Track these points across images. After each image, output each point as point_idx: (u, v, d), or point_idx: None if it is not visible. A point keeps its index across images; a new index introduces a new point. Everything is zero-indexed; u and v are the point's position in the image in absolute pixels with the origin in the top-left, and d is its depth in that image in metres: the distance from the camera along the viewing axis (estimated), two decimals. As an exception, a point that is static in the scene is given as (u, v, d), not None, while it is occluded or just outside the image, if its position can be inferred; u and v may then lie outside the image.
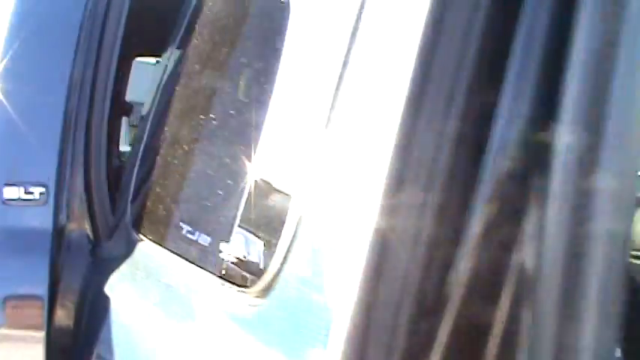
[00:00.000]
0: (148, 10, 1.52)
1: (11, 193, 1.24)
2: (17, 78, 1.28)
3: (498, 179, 0.62)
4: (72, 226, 1.29)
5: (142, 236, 1.17)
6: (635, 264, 1.66)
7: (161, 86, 1.29)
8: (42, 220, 1.25)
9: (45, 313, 1.21)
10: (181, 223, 1.06)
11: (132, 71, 1.56)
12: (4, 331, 1.23)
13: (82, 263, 1.29)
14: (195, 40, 1.22)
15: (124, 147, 1.75)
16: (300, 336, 0.69)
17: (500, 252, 0.63)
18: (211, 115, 1.12)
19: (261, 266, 0.82)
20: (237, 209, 0.90)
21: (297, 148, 0.85)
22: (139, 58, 1.63)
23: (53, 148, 1.27)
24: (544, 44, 0.62)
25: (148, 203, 1.21)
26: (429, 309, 0.62)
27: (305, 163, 0.77)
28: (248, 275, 0.85)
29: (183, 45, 1.27)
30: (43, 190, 1.25)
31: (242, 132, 1.00)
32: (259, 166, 0.90)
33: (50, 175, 1.26)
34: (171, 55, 1.30)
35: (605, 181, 0.60)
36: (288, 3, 0.92)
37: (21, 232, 1.25)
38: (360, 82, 0.72)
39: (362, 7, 0.71)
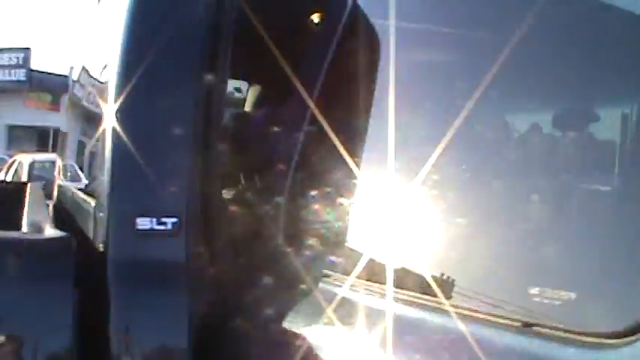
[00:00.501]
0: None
1: (144, 223, 1.20)
2: (146, 109, 1.25)
3: None
4: (204, 257, 1.24)
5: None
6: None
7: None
8: (175, 250, 1.21)
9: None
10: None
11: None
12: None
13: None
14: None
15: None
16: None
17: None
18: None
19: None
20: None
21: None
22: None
23: (183, 178, 1.23)
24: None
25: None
26: None
27: None
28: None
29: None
30: (175, 220, 1.21)
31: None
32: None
33: (181, 205, 1.22)
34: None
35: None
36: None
37: (155, 263, 1.21)
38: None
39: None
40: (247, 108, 2.10)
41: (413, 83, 1.11)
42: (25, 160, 9.21)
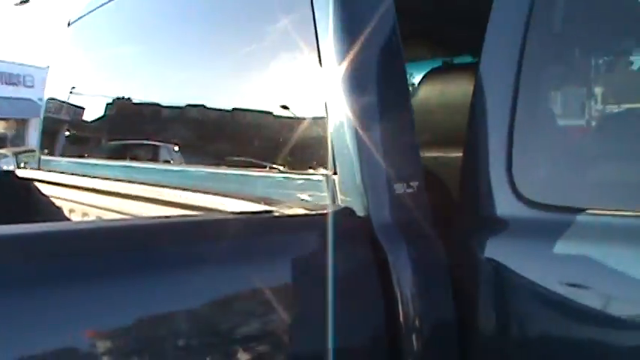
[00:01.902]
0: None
1: (399, 188, 1.51)
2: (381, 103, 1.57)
3: None
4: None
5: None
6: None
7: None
8: (419, 208, 1.53)
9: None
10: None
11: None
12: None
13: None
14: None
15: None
16: None
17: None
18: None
19: None
20: None
21: None
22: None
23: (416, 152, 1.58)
24: None
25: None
26: None
27: None
28: None
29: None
30: (417, 183, 1.53)
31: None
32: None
33: (418, 173, 1.55)
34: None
35: None
36: None
37: (408, 220, 1.52)
38: None
39: None
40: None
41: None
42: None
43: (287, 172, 1.66)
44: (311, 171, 1.59)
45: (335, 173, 1.53)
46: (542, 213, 1.43)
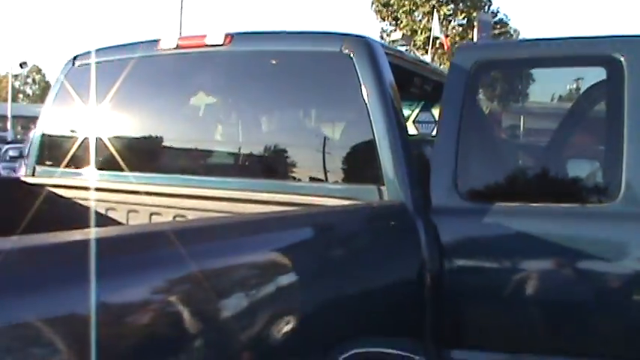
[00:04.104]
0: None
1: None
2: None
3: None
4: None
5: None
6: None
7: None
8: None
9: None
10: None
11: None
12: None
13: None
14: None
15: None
16: None
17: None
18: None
19: None
20: None
21: None
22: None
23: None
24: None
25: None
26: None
27: None
28: None
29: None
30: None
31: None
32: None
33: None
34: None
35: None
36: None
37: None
38: None
39: None
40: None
41: None
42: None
43: (354, 185, 2.60)
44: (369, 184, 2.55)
45: (383, 185, 2.48)
46: (471, 202, 2.51)
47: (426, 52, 26.19)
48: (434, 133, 2.86)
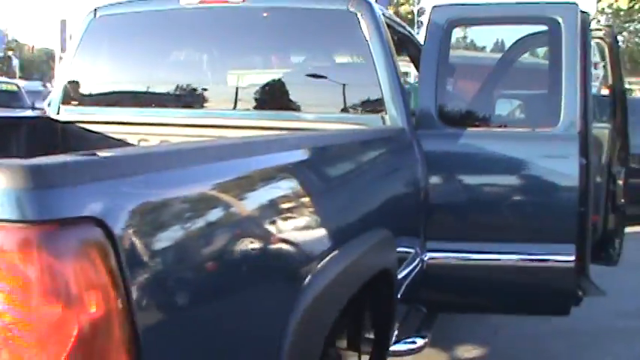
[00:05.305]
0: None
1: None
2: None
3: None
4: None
5: None
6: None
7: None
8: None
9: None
10: None
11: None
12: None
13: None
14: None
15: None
16: None
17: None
18: None
19: None
20: None
21: None
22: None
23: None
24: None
25: None
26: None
27: None
28: None
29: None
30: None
31: None
32: None
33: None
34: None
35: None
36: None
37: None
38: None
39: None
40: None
41: None
42: None
43: (364, 115, 3.35)
44: (375, 114, 3.30)
45: (386, 114, 3.25)
46: (449, 127, 3.33)
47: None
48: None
